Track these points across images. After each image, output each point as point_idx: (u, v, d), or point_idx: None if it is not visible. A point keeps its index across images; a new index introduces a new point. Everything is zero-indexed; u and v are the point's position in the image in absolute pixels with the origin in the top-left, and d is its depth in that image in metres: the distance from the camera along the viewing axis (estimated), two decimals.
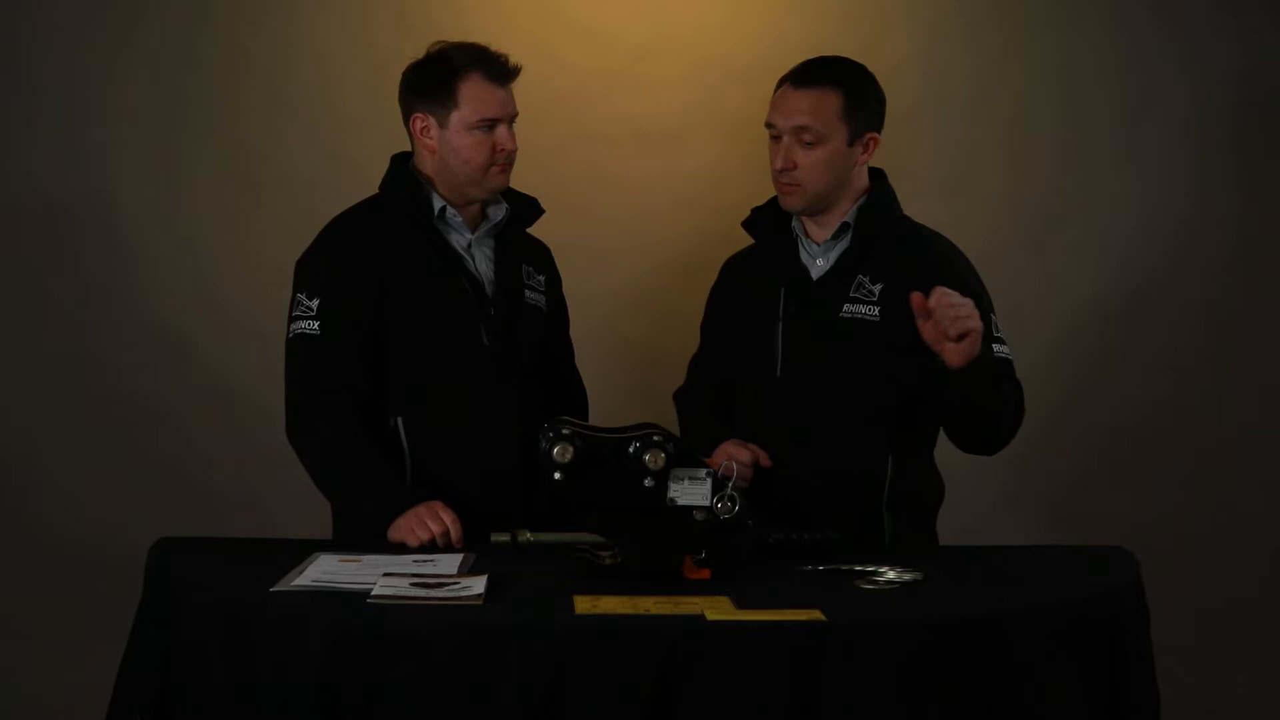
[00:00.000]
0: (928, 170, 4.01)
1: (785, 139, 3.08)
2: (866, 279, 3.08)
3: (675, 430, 3.21)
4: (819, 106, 3.06)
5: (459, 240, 3.17)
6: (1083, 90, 4.10)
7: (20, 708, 3.91)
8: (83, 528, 3.96)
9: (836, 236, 3.13)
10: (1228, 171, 4.12)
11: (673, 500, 2.63)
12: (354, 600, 2.42)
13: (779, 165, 3.08)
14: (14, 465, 4.00)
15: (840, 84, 3.08)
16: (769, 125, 3.11)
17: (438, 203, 3.15)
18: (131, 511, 3.88)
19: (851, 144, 3.09)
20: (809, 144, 3.06)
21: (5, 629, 3.97)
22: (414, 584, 2.49)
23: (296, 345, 3.09)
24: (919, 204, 3.28)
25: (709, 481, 2.63)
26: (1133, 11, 4.09)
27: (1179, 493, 4.12)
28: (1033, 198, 4.11)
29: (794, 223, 3.18)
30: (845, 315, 3.07)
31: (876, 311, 3.05)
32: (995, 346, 2.99)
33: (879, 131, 3.13)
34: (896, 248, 3.10)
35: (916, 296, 2.77)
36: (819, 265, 3.14)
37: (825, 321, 3.08)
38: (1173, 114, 4.10)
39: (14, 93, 3.96)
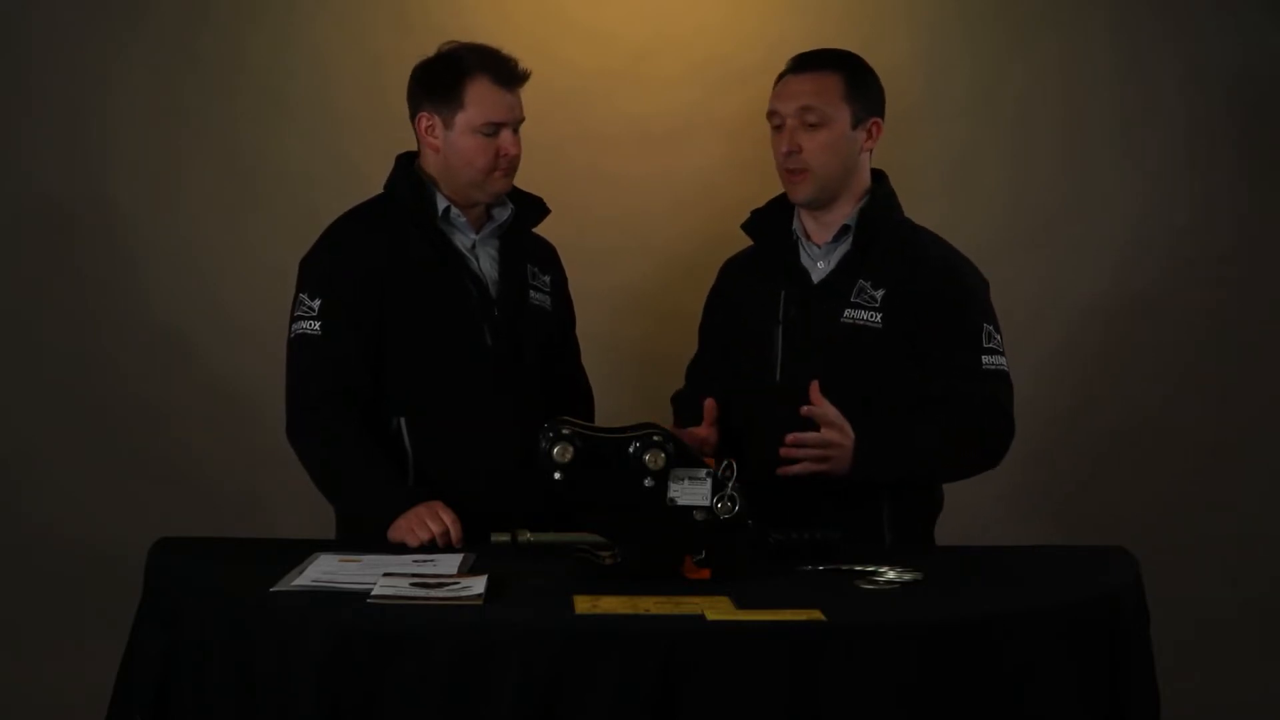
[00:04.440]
0: (928, 170, 4.01)
1: (789, 123, 3.06)
2: (868, 284, 3.06)
3: None
4: (822, 88, 3.07)
5: (463, 241, 3.16)
6: (1083, 90, 4.09)
7: (20, 708, 3.90)
8: (83, 528, 3.96)
9: (837, 239, 3.11)
10: (1228, 171, 4.12)
11: (673, 500, 2.62)
12: (354, 600, 2.42)
13: (785, 149, 3.06)
14: (14, 465, 4.00)
15: (840, 67, 3.10)
16: (771, 115, 3.10)
17: (442, 203, 3.14)
18: (131, 511, 3.87)
19: (855, 126, 3.08)
20: (813, 125, 3.05)
21: (5, 629, 3.97)
22: (414, 584, 2.49)
23: (298, 345, 3.08)
24: (919, 204, 3.28)
25: (709, 481, 2.63)
26: (1133, 11, 4.09)
27: (1179, 493, 4.12)
28: (1033, 198, 4.11)
29: (794, 224, 3.17)
30: (847, 321, 3.05)
31: (879, 318, 3.03)
32: (984, 358, 3.01)
33: (882, 118, 3.13)
34: (898, 252, 3.08)
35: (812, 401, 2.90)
36: (820, 268, 3.12)
37: (826, 326, 3.06)
38: (1173, 114, 4.10)
39: (14, 93, 3.96)
